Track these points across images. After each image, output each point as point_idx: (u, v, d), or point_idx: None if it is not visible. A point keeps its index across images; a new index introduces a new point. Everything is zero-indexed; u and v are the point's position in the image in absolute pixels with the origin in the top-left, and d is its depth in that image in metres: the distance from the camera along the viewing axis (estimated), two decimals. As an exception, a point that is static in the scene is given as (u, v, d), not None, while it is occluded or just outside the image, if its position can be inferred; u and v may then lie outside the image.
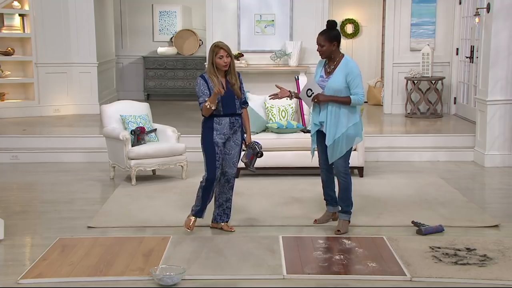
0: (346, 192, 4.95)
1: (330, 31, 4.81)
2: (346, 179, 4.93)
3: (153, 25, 12.03)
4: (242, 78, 4.91)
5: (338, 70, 4.81)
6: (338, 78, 4.79)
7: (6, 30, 9.42)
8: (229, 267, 4.23)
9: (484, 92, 7.37)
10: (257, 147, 4.89)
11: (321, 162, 5.05)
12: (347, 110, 4.81)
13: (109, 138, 6.70)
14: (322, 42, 4.80)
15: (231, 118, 4.81)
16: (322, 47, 4.81)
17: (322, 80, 4.89)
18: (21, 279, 4.06)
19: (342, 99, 4.78)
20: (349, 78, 4.77)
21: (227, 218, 5.02)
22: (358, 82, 4.78)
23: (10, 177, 6.98)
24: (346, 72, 4.77)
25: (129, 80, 12.04)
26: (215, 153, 4.79)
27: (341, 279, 4.08)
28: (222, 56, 4.72)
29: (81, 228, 5.14)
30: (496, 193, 6.41)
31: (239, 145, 4.91)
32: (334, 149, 4.84)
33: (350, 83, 4.77)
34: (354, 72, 4.77)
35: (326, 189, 5.12)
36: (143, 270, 4.16)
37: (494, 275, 4.09)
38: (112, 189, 6.35)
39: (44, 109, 9.62)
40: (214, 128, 4.79)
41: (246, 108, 4.95)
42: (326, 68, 4.90)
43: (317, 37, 4.84)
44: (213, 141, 4.78)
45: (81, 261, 4.33)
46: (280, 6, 9.53)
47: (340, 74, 4.79)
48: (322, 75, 4.91)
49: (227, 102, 4.77)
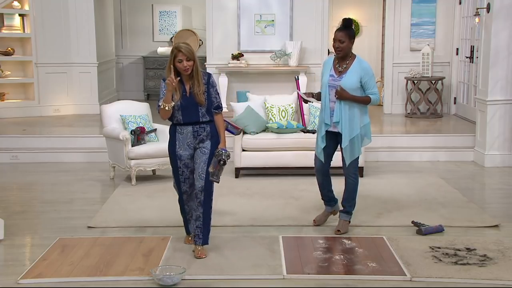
0: (353, 193, 4.94)
1: (349, 29, 4.73)
2: (356, 179, 4.91)
3: (153, 25, 12.03)
4: (215, 81, 4.46)
5: (352, 70, 4.73)
6: (352, 77, 4.71)
7: (6, 30, 9.43)
8: (229, 267, 4.23)
9: (484, 92, 7.37)
10: (223, 154, 4.32)
11: (319, 165, 4.93)
12: (359, 111, 4.77)
13: (109, 138, 6.69)
14: (343, 38, 4.67)
15: (194, 126, 4.36)
16: (342, 43, 4.67)
17: (333, 79, 4.77)
18: (21, 279, 4.05)
19: (362, 99, 4.72)
20: (365, 79, 4.72)
21: (199, 241, 4.40)
22: (373, 83, 4.77)
23: (10, 177, 6.98)
24: (361, 72, 4.71)
25: (129, 80, 12.04)
26: (177, 167, 4.43)
27: (341, 279, 4.08)
28: (182, 60, 4.23)
29: (81, 228, 5.14)
30: (496, 193, 6.40)
31: (207, 154, 4.37)
32: (351, 150, 4.78)
33: (365, 84, 4.72)
34: (370, 73, 4.74)
35: (324, 190, 5.05)
36: (143, 270, 4.15)
37: (494, 275, 4.08)
38: (112, 189, 6.35)
39: (44, 109, 9.62)
40: (176, 138, 4.40)
41: (220, 113, 4.46)
42: (337, 68, 4.78)
43: (336, 33, 4.70)
44: (176, 153, 4.41)
45: (81, 261, 4.33)
46: (280, 6, 9.53)
47: (355, 74, 4.71)
48: (332, 75, 4.78)
49: (188, 110, 4.33)
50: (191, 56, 4.25)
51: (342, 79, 4.74)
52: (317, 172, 4.98)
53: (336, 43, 4.71)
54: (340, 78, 4.75)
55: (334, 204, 5.11)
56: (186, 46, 4.27)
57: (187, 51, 4.23)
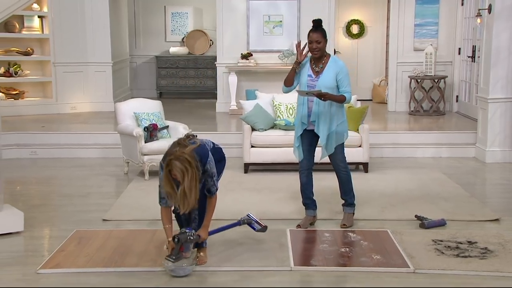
0: (348, 185, 4.92)
1: (322, 29, 4.64)
2: (346, 171, 4.89)
3: (165, 25, 12.04)
4: (211, 166, 3.87)
5: (328, 69, 4.66)
6: (329, 76, 4.64)
7: (26, 31, 9.48)
8: (238, 259, 4.23)
9: (486, 90, 7.33)
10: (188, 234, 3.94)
11: (303, 163, 4.86)
12: (336, 109, 4.71)
13: (123, 135, 6.71)
14: (319, 39, 4.60)
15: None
16: (319, 44, 4.60)
17: (311, 79, 4.70)
18: (40, 269, 4.08)
19: (339, 98, 4.64)
20: (340, 77, 4.64)
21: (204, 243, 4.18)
22: (348, 81, 4.67)
23: (29, 172, 7.02)
24: (337, 70, 4.64)
25: (142, 79, 12.07)
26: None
27: (347, 271, 4.07)
28: (176, 175, 3.73)
29: (96, 221, 5.16)
30: (496, 188, 6.37)
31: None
32: (327, 147, 4.75)
33: (340, 82, 4.64)
34: (344, 71, 4.66)
35: (306, 191, 4.93)
36: (156, 262, 4.17)
37: (495, 267, 4.07)
38: (126, 184, 6.37)
39: (61, 106, 9.66)
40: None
41: (212, 196, 3.98)
42: (314, 68, 4.70)
43: (312, 35, 4.60)
44: None
45: (96, 252, 4.35)
46: (288, 7, 9.51)
47: (331, 72, 4.65)
48: (310, 75, 4.70)
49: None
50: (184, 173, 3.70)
51: (319, 78, 4.67)
52: (302, 169, 4.87)
53: (313, 44, 4.62)
54: (317, 78, 4.68)
55: (315, 208, 4.99)
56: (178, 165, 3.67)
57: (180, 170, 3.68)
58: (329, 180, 5.64)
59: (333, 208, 5.29)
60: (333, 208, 5.28)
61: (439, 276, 3.98)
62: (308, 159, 4.86)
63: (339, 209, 5.13)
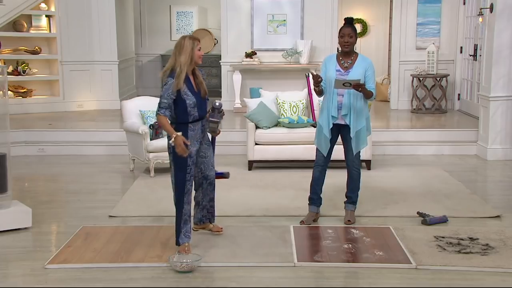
0: (357, 183, 4.93)
1: (354, 25, 4.77)
2: (359, 170, 4.91)
3: (170, 24, 12.04)
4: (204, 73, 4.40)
5: (357, 64, 4.72)
6: (358, 72, 4.70)
7: (33, 30, 9.50)
8: (242, 255, 4.23)
9: (487, 88, 7.30)
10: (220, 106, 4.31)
11: (320, 158, 4.88)
12: (364, 104, 4.77)
13: (129, 132, 6.72)
14: (352, 33, 4.69)
15: (202, 121, 4.26)
16: (350, 38, 4.69)
17: (340, 74, 4.73)
18: (48, 264, 4.09)
19: (370, 92, 4.70)
20: (368, 73, 4.72)
21: (214, 219, 4.62)
22: (374, 78, 4.78)
23: (37, 169, 7.04)
24: (366, 66, 4.72)
25: (148, 77, 12.07)
26: (186, 166, 4.15)
27: (349, 267, 4.07)
28: (200, 48, 4.23)
29: (103, 217, 5.17)
30: (498, 185, 6.35)
31: (210, 145, 4.43)
32: (356, 142, 4.76)
33: (368, 78, 4.71)
34: (372, 68, 4.76)
35: (315, 187, 4.92)
36: (161, 257, 4.17)
37: (496, 263, 4.06)
38: (132, 181, 6.38)
39: (68, 104, 9.68)
40: (188, 136, 4.15)
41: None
42: (343, 63, 4.76)
43: (344, 29, 4.70)
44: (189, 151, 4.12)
45: (103, 248, 4.36)
46: (292, 7, 9.50)
47: (361, 68, 4.72)
48: (339, 70, 4.74)
49: (200, 105, 4.20)
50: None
51: (349, 73, 4.72)
52: (317, 165, 4.89)
53: (345, 37, 4.70)
54: (347, 73, 4.72)
55: (319, 205, 4.98)
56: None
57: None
58: (334, 177, 5.62)
59: (336, 205, 5.28)
60: (336, 205, 5.27)
61: (441, 272, 3.98)
62: (326, 155, 4.87)
63: (342, 206, 5.12)
